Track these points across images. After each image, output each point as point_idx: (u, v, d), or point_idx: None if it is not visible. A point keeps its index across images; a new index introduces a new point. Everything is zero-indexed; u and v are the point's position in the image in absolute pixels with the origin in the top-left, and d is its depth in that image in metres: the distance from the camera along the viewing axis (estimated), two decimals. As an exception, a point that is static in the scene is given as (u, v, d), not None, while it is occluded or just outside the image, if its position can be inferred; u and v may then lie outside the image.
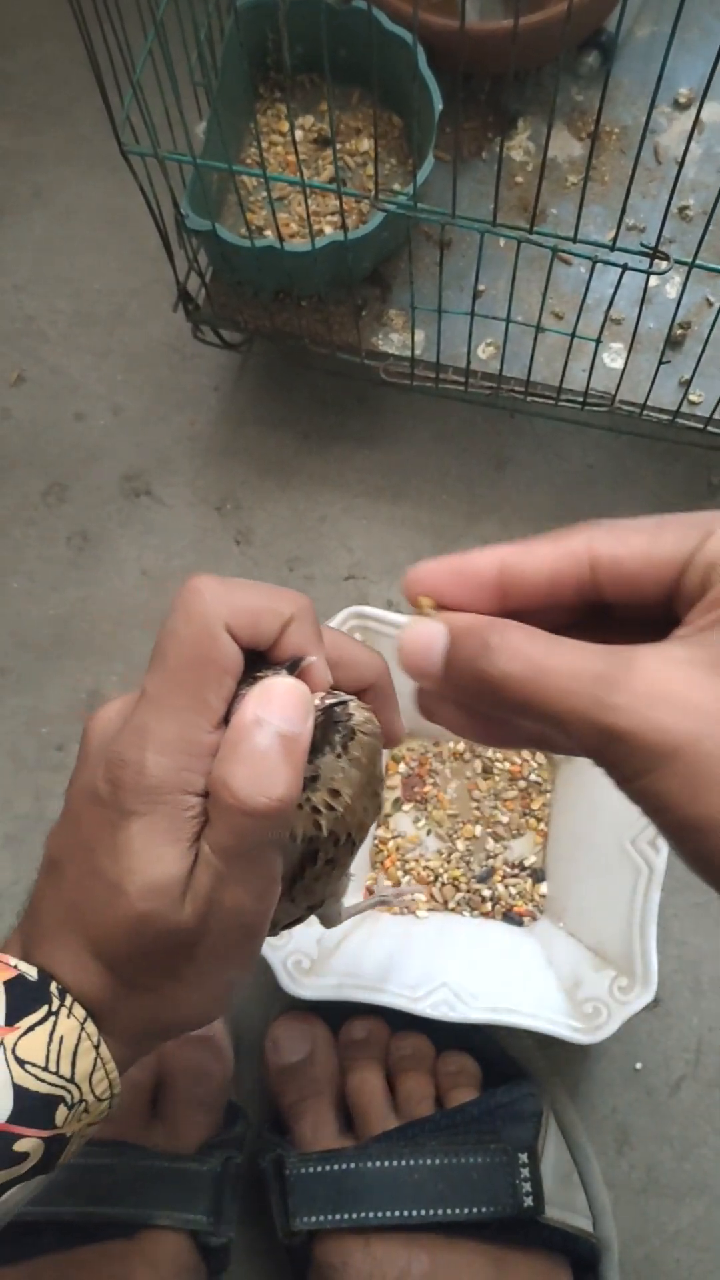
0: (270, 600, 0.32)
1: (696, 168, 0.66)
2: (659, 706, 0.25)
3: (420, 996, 0.54)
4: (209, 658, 0.31)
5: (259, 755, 0.30)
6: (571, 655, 0.27)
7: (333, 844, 0.34)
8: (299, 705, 0.31)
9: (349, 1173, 0.51)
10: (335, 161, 0.52)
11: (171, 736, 0.31)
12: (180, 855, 0.31)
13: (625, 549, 0.28)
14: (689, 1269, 0.57)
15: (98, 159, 0.76)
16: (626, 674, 0.26)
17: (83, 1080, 0.31)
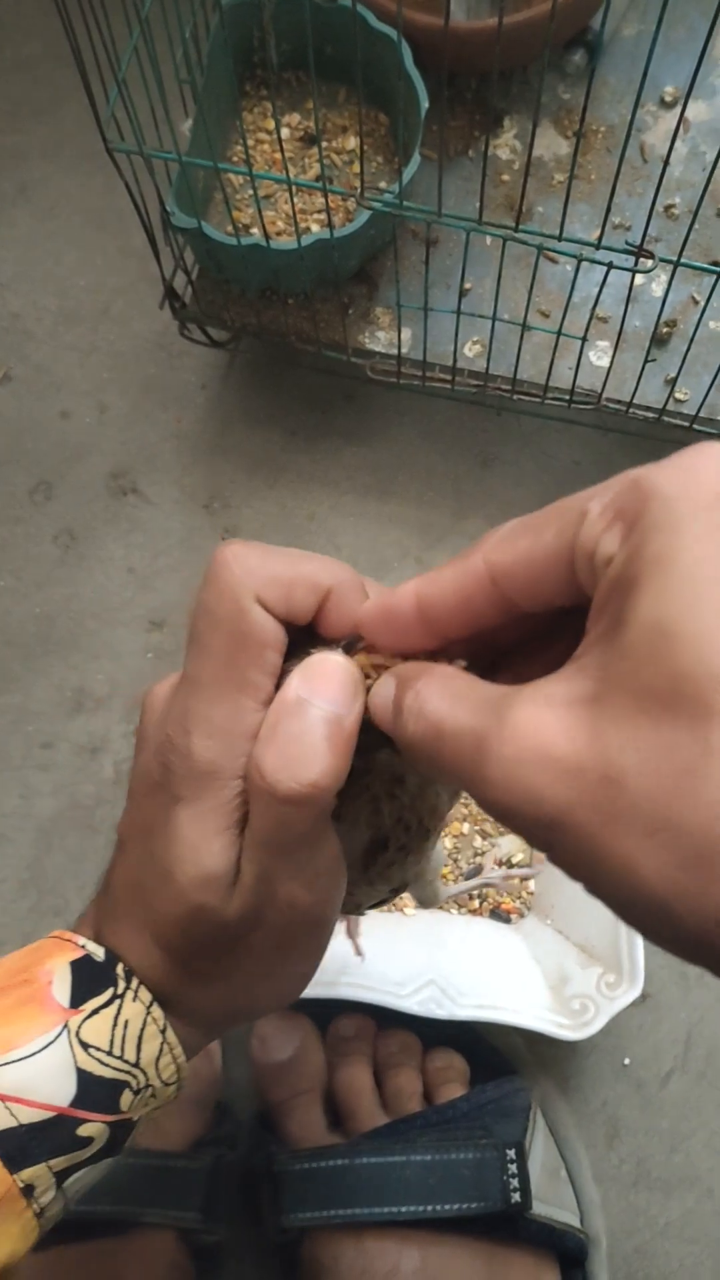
0: (306, 570, 0.29)
1: (682, 166, 0.66)
2: (530, 772, 0.22)
3: (408, 994, 0.54)
4: (243, 632, 0.29)
5: (296, 737, 0.28)
6: (465, 710, 0.24)
7: (403, 831, 0.32)
8: (346, 685, 0.28)
9: (339, 1169, 0.51)
10: (321, 159, 0.51)
11: (217, 718, 0.29)
12: (227, 845, 0.29)
13: (514, 555, 0.25)
14: (679, 1261, 0.58)
15: (83, 156, 0.76)
16: (498, 734, 0.22)
17: (148, 1065, 0.30)
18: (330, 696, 0.28)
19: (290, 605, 0.29)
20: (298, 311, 0.64)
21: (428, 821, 0.33)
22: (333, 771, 0.28)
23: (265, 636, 0.29)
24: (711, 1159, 0.59)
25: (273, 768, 0.27)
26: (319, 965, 0.33)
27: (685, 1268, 0.58)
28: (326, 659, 0.29)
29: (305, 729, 0.28)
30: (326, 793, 0.28)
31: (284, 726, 0.28)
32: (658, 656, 0.20)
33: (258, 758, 0.28)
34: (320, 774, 0.27)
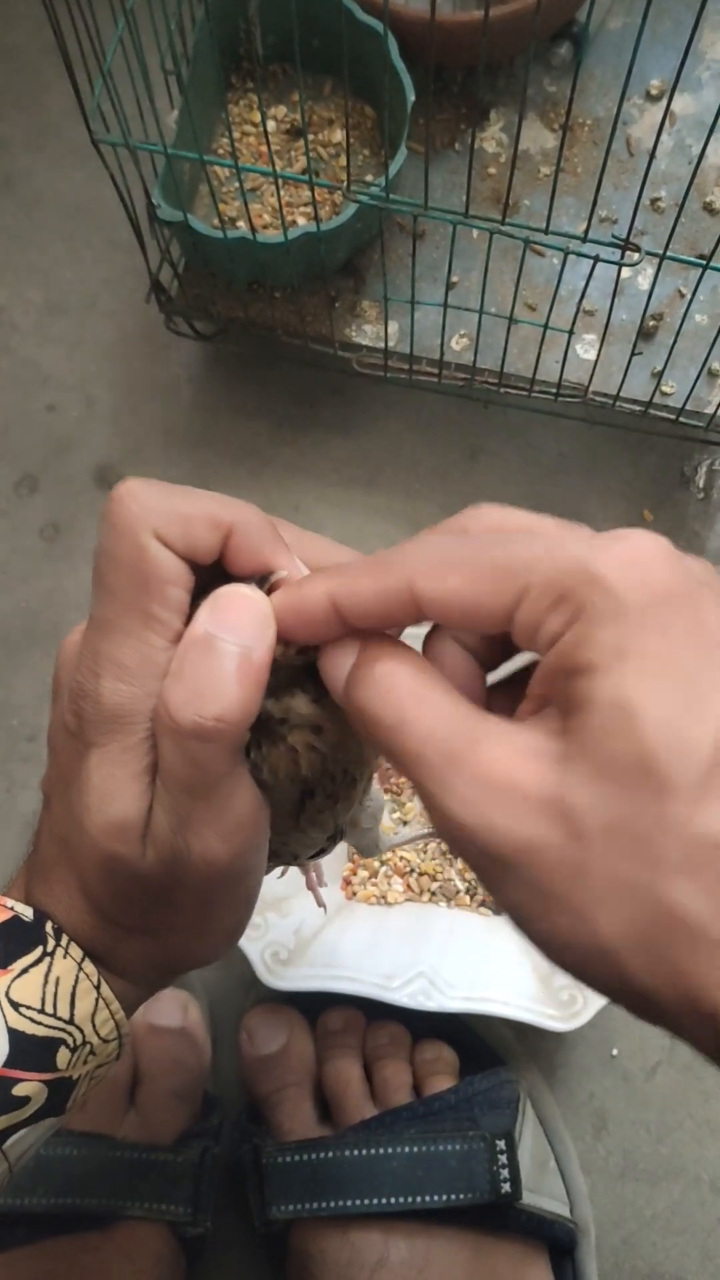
0: (206, 507, 0.29)
1: (668, 159, 0.67)
2: (497, 800, 0.23)
3: (397, 986, 0.54)
4: (143, 569, 0.28)
5: (202, 672, 0.27)
6: (432, 714, 0.25)
7: (329, 780, 0.31)
8: (254, 617, 0.28)
9: (326, 1161, 0.51)
10: (308, 152, 0.51)
11: (124, 659, 0.28)
12: (139, 792, 0.28)
13: (444, 591, 0.25)
14: (665, 1252, 0.58)
15: (68, 148, 0.76)
16: (472, 754, 0.24)
17: (84, 1022, 0.30)
18: (238, 630, 0.27)
19: (191, 541, 0.29)
20: (284, 305, 0.64)
21: (353, 769, 0.32)
22: (240, 705, 0.27)
23: (166, 572, 0.28)
24: (698, 1150, 0.59)
25: (178, 703, 0.27)
26: (249, 917, 0.33)
27: (672, 1258, 0.58)
28: (235, 592, 0.28)
29: (212, 663, 0.27)
30: (235, 728, 0.27)
31: (190, 662, 0.27)
32: (623, 733, 0.22)
33: (164, 694, 0.27)
34: (226, 707, 0.27)
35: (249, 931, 0.54)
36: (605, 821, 0.22)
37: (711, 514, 0.69)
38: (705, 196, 0.66)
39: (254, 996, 0.59)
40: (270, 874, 0.36)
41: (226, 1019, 0.60)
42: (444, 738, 0.24)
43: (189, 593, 0.29)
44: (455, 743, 0.24)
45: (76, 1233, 0.51)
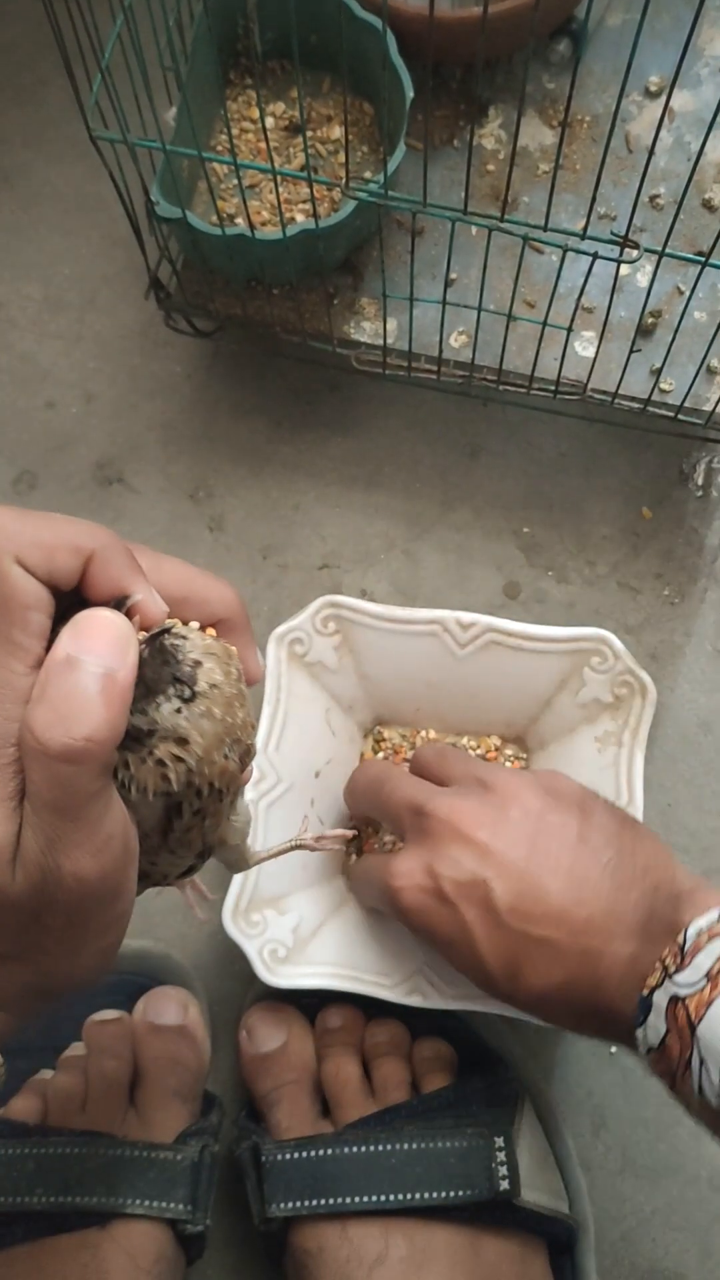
0: (66, 533, 0.30)
1: (667, 156, 0.66)
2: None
3: (395, 984, 0.54)
4: (5, 593, 0.28)
5: (67, 694, 0.27)
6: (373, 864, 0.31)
7: (195, 796, 0.32)
8: (116, 639, 0.28)
9: (325, 1159, 0.52)
10: (306, 149, 0.51)
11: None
12: (5, 816, 0.28)
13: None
14: (665, 1248, 0.58)
15: (66, 144, 0.76)
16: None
17: None
18: (100, 651, 0.28)
19: (52, 568, 0.29)
20: (283, 302, 0.64)
21: (219, 782, 0.32)
22: (107, 725, 0.27)
23: (27, 598, 0.29)
24: (696, 1147, 0.59)
25: (44, 725, 0.27)
26: (121, 939, 0.33)
27: (671, 1255, 0.58)
28: (95, 615, 0.29)
29: (76, 685, 0.27)
30: (102, 747, 0.27)
31: (54, 684, 0.28)
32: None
33: (29, 718, 0.27)
34: (94, 728, 0.27)
35: (247, 929, 0.54)
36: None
37: (710, 511, 0.69)
38: (704, 193, 0.66)
39: (253, 995, 0.59)
40: (285, 869, 0.36)
41: (225, 1017, 0.60)
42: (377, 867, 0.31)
43: (50, 618, 0.29)
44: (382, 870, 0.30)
45: (76, 1231, 0.51)
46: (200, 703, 0.31)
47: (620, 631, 0.58)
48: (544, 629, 0.57)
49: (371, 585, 0.68)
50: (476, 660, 0.58)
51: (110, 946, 0.32)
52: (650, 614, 0.67)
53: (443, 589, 0.68)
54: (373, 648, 0.59)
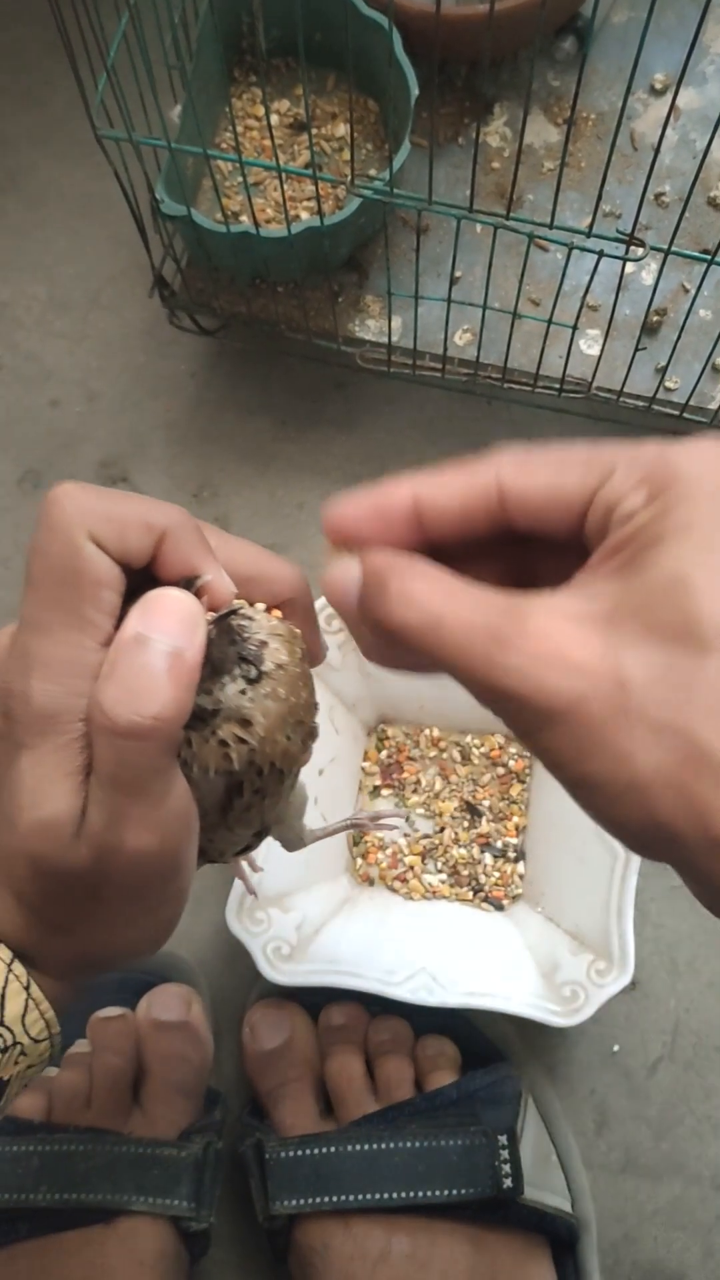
0: (139, 510, 0.29)
1: (672, 154, 0.66)
2: (547, 667, 0.25)
3: (399, 981, 0.54)
4: (76, 569, 0.28)
5: (136, 672, 0.27)
6: (468, 607, 0.26)
7: (256, 775, 0.32)
8: (185, 618, 0.28)
9: (328, 1156, 0.52)
10: (311, 146, 0.51)
11: (55, 659, 0.28)
12: (71, 791, 0.28)
13: (531, 483, 0.28)
14: (666, 1247, 0.58)
15: (71, 143, 0.76)
16: (518, 631, 0.25)
17: (14, 1023, 0.30)
18: (170, 630, 0.28)
19: (124, 545, 0.29)
20: (288, 299, 0.64)
21: (280, 763, 0.32)
22: (174, 704, 0.28)
23: (99, 574, 0.29)
24: (699, 1146, 0.59)
25: (112, 701, 0.27)
26: (179, 914, 0.32)
27: (673, 1253, 0.58)
28: (164, 594, 0.29)
29: (145, 663, 0.27)
30: (169, 725, 0.28)
31: (123, 662, 0.28)
32: (673, 599, 0.24)
33: (97, 694, 0.28)
34: (162, 706, 0.27)
35: (251, 927, 0.54)
36: (648, 674, 0.24)
37: (715, 510, 0.69)
38: (710, 191, 0.65)
39: (257, 992, 0.59)
40: (292, 864, 0.36)
41: (229, 1014, 0.60)
42: (486, 623, 0.26)
43: (121, 596, 0.29)
44: (499, 625, 0.25)
45: (80, 1228, 0.51)
46: (265, 684, 0.31)
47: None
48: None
49: (376, 583, 0.68)
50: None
51: (168, 921, 0.32)
52: (655, 612, 0.67)
53: (447, 587, 0.68)
54: (377, 646, 0.59)
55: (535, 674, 0.25)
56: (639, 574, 0.25)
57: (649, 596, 0.25)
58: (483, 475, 0.28)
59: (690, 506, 0.25)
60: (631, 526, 0.26)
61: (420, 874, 0.61)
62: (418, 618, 0.26)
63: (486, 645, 0.25)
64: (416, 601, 0.27)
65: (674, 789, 0.24)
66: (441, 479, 0.29)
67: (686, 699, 0.24)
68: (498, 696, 0.25)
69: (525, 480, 0.28)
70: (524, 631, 0.25)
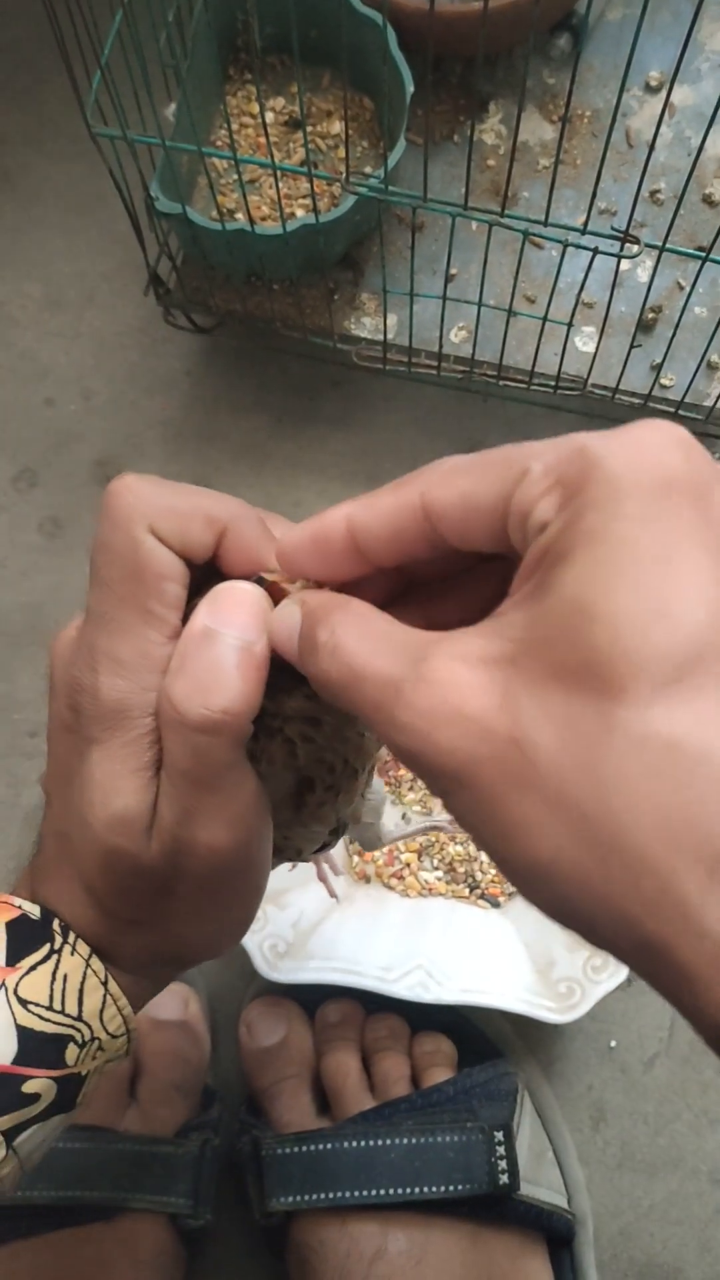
0: (201, 504, 0.29)
1: (667, 151, 0.66)
2: (441, 723, 0.22)
3: (395, 978, 0.55)
4: (139, 563, 0.28)
5: (205, 666, 0.27)
6: (385, 655, 0.24)
7: (328, 772, 0.31)
8: (253, 612, 0.28)
9: (325, 1153, 0.52)
10: (306, 144, 0.51)
11: (122, 654, 0.28)
12: (141, 786, 0.28)
13: (448, 494, 0.25)
14: (663, 1242, 0.58)
15: (65, 141, 0.76)
16: (414, 684, 0.23)
17: (92, 1018, 0.30)
18: (238, 624, 0.28)
19: (186, 538, 0.29)
20: (283, 297, 0.64)
21: (353, 761, 0.32)
22: (244, 698, 0.27)
23: (163, 567, 0.28)
24: (695, 1141, 0.59)
25: (182, 695, 0.27)
26: (255, 911, 0.32)
27: (670, 1249, 0.58)
28: (234, 587, 0.28)
29: (215, 657, 0.27)
30: (239, 719, 0.27)
31: (192, 656, 0.27)
32: (573, 631, 0.21)
33: (167, 688, 0.27)
34: (232, 700, 0.27)
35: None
36: (547, 732, 0.21)
37: (711, 507, 0.69)
38: (705, 188, 0.66)
39: (253, 989, 0.59)
40: (280, 867, 0.36)
41: (226, 1012, 0.60)
42: (389, 674, 0.23)
43: (186, 589, 0.29)
44: (403, 675, 0.23)
45: (78, 1225, 0.51)
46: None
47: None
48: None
49: (372, 581, 0.68)
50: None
51: (245, 918, 0.32)
52: (650, 609, 0.67)
53: (443, 585, 0.68)
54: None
55: (427, 731, 0.22)
56: (543, 600, 0.22)
57: (550, 630, 0.21)
58: (407, 493, 0.26)
59: (603, 512, 0.21)
60: (544, 539, 0.22)
61: (417, 871, 0.61)
62: (337, 672, 0.25)
63: (386, 700, 0.23)
64: (340, 652, 0.25)
65: (578, 880, 0.21)
66: (373, 500, 0.27)
67: (588, 762, 0.20)
68: (401, 758, 0.23)
69: (443, 492, 0.25)
70: (417, 684, 0.23)
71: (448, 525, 0.25)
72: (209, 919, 0.31)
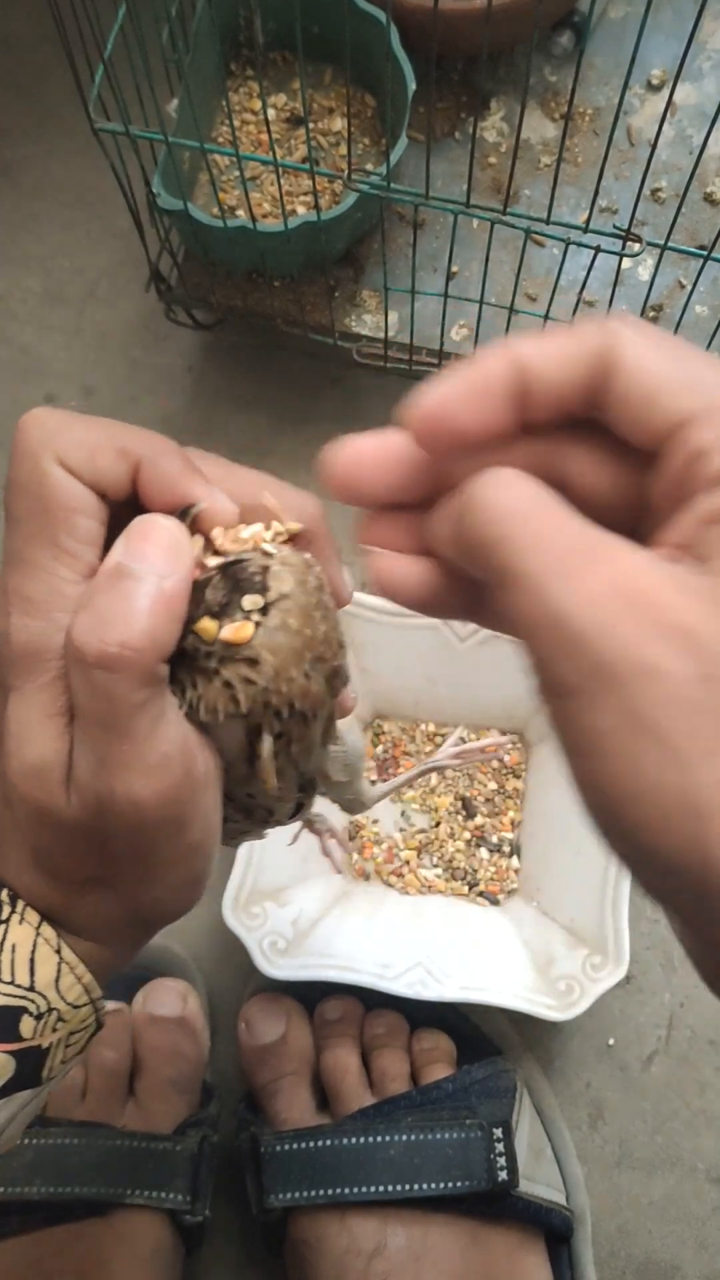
0: (111, 435, 0.28)
1: (669, 149, 0.66)
2: (629, 613, 0.20)
3: (395, 975, 0.55)
4: (45, 495, 0.27)
5: (109, 601, 0.26)
6: (549, 523, 0.22)
7: (275, 718, 0.29)
8: (168, 546, 0.27)
9: (324, 1149, 0.52)
10: (308, 141, 0.51)
11: (32, 592, 0.27)
12: (56, 733, 0.27)
13: (648, 362, 0.23)
14: (661, 1240, 0.58)
15: (67, 136, 0.76)
16: (594, 564, 0.21)
17: (46, 988, 0.28)
18: (151, 558, 0.26)
19: (96, 470, 0.27)
20: (284, 294, 0.64)
21: (300, 704, 0.29)
22: (147, 633, 0.26)
23: (71, 500, 0.27)
24: (693, 1139, 0.59)
25: (80, 630, 0.26)
26: (206, 869, 0.30)
27: (667, 1246, 0.58)
28: (148, 520, 0.27)
29: (120, 591, 0.26)
30: (140, 655, 0.26)
31: (100, 591, 0.26)
32: None
33: (71, 625, 0.26)
34: (131, 635, 0.25)
35: (247, 921, 0.54)
36: None
37: (711, 505, 0.69)
38: (706, 187, 0.66)
39: (252, 986, 0.59)
40: (263, 840, 0.33)
41: (225, 1008, 0.60)
42: (565, 543, 0.21)
43: (102, 525, 0.28)
44: (579, 547, 0.21)
45: (75, 1221, 0.51)
46: (273, 615, 0.28)
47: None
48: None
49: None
50: (477, 654, 0.58)
51: (192, 878, 0.30)
52: (650, 608, 0.67)
53: (443, 582, 0.68)
54: (373, 642, 0.59)
55: (611, 611, 0.20)
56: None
57: None
58: (596, 338, 0.23)
59: None
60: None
61: (416, 869, 0.61)
62: (490, 530, 0.22)
63: (559, 562, 0.21)
64: (493, 512, 0.23)
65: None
66: (548, 342, 0.24)
67: None
68: (555, 627, 0.21)
69: (646, 355, 0.23)
70: (611, 558, 0.21)
71: (629, 400, 0.23)
72: (152, 878, 0.29)
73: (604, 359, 0.23)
